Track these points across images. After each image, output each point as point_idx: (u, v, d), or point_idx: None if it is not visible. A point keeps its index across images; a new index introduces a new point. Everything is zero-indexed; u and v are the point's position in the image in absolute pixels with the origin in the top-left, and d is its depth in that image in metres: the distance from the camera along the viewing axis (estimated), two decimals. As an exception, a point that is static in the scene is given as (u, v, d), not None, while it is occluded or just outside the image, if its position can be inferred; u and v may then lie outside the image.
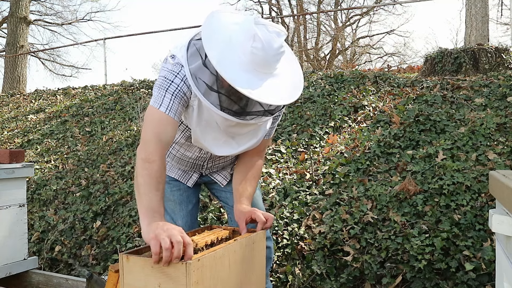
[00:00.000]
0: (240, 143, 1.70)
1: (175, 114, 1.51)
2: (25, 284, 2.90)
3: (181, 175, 1.93)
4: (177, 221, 1.93)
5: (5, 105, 8.60)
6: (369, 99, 4.45)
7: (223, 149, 1.68)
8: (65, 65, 16.93)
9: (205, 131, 1.64)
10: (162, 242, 1.23)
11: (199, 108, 1.58)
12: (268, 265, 2.04)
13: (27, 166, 2.83)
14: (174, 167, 1.93)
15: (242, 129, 1.65)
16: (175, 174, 1.93)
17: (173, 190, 1.92)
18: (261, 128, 1.72)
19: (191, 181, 1.93)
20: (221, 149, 1.68)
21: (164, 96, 1.51)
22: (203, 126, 1.63)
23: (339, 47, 17.68)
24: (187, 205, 1.94)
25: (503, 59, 5.13)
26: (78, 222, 3.77)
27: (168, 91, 1.51)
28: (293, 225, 2.98)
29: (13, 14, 11.64)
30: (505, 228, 1.09)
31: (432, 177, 3.05)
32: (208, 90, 1.50)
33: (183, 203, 1.93)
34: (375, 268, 2.59)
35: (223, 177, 1.95)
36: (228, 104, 1.52)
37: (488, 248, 2.43)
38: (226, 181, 1.95)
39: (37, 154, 5.56)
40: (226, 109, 1.52)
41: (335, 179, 3.33)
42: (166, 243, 1.22)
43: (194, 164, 1.86)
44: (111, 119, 6.00)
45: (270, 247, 2.01)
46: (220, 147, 1.68)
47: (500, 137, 3.31)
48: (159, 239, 1.24)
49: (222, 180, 1.95)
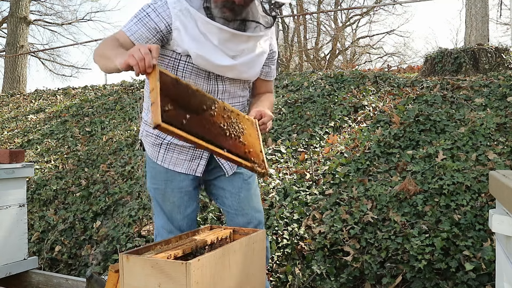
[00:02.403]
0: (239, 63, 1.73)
1: (132, 34, 1.66)
2: (25, 284, 2.90)
3: (188, 165, 1.86)
4: (173, 222, 1.90)
5: (5, 105, 8.60)
6: (369, 99, 4.45)
7: (223, 58, 1.70)
8: (65, 65, 16.94)
9: (202, 48, 1.66)
10: (135, 53, 1.37)
11: (185, 28, 1.65)
12: (266, 264, 2.04)
13: (27, 166, 2.83)
14: (182, 154, 1.85)
15: (238, 45, 1.69)
16: (182, 166, 1.86)
17: (174, 191, 1.88)
18: (258, 57, 1.77)
19: (200, 168, 1.86)
20: (221, 58, 1.69)
21: (131, 21, 1.68)
22: (200, 43, 1.66)
23: (339, 47, 17.68)
24: (185, 208, 1.91)
25: (503, 59, 5.13)
26: (78, 222, 3.77)
27: (137, 17, 1.67)
28: (293, 225, 2.98)
29: (13, 14, 11.63)
30: (505, 228, 1.09)
31: (432, 177, 3.05)
32: (201, 5, 1.62)
33: (182, 206, 1.90)
34: (375, 268, 2.59)
35: (230, 165, 1.89)
36: (221, 14, 1.61)
37: (488, 248, 2.43)
38: (232, 171, 1.90)
39: (37, 154, 5.56)
40: (221, 19, 1.62)
41: (335, 179, 3.33)
42: (137, 52, 1.36)
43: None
44: (111, 119, 6.00)
45: (267, 247, 2.00)
46: (220, 56, 1.69)
47: (500, 137, 3.31)
48: (131, 54, 1.38)
49: (229, 169, 1.90)
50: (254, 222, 1.94)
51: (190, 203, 1.91)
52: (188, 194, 1.90)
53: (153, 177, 1.92)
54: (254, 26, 1.70)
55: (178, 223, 1.91)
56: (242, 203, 1.92)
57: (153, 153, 1.89)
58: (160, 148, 1.86)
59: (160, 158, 1.87)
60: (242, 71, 1.76)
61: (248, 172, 1.94)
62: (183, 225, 1.91)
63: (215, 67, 1.70)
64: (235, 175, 1.92)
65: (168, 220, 1.91)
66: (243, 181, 1.93)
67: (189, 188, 1.90)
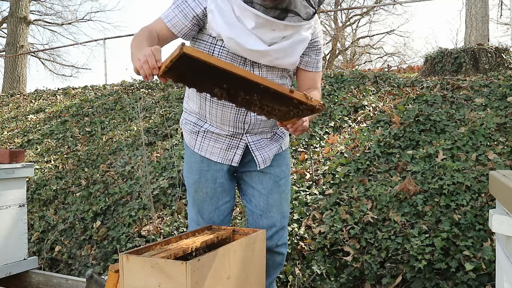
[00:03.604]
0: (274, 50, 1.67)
1: (169, 20, 1.67)
2: (25, 284, 2.90)
3: (225, 154, 1.84)
4: (203, 214, 1.88)
5: (5, 105, 8.60)
6: (369, 99, 4.45)
7: (256, 43, 1.64)
8: (65, 65, 16.93)
9: (235, 31, 1.62)
10: (141, 57, 1.37)
11: (219, 11, 1.62)
12: (278, 271, 2.00)
13: (27, 166, 2.83)
14: (218, 143, 1.84)
15: (273, 32, 1.63)
16: (218, 155, 1.84)
17: (208, 181, 1.85)
18: (296, 44, 1.70)
19: (236, 158, 1.84)
20: (253, 42, 1.63)
21: (170, 8, 1.69)
22: (233, 27, 1.62)
23: (339, 47, 17.69)
24: (217, 200, 1.87)
25: (503, 59, 5.12)
26: (78, 222, 3.77)
27: (175, 3, 1.68)
28: (293, 225, 2.98)
29: (13, 14, 11.64)
30: (505, 228, 1.09)
31: (432, 177, 3.05)
32: None
33: (214, 198, 1.86)
34: (375, 268, 2.59)
35: (263, 159, 1.86)
36: (261, 1, 1.56)
37: (488, 248, 2.43)
38: (264, 165, 1.87)
39: (37, 154, 5.56)
40: (260, 6, 1.57)
41: (335, 179, 3.33)
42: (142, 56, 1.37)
43: (236, 121, 1.78)
44: (111, 119, 6.00)
45: (283, 254, 1.97)
46: (253, 41, 1.64)
47: (500, 137, 3.31)
48: (137, 58, 1.39)
49: (261, 163, 1.86)
50: (278, 226, 1.90)
51: (223, 195, 1.88)
52: (222, 185, 1.87)
53: (189, 166, 1.91)
54: (292, 16, 1.64)
55: (209, 215, 1.88)
56: (269, 206, 1.88)
57: (191, 141, 1.88)
58: (198, 136, 1.86)
59: (197, 146, 1.86)
60: (276, 58, 1.69)
61: (280, 174, 1.90)
62: (214, 216, 1.88)
63: (247, 51, 1.64)
64: (266, 175, 1.88)
65: (198, 212, 1.88)
66: (274, 183, 1.89)
67: (223, 179, 1.86)
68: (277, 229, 1.90)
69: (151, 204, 3.48)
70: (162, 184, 3.81)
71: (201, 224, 1.88)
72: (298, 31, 1.68)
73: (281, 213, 1.91)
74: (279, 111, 1.52)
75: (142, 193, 3.82)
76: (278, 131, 1.93)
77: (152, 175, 4.07)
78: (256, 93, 1.42)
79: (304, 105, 1.45)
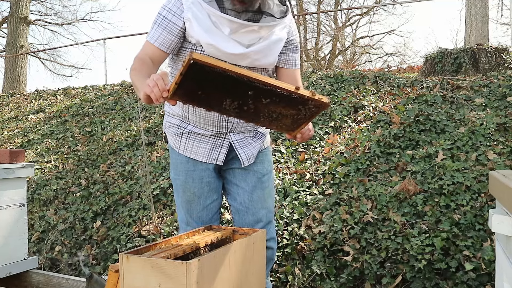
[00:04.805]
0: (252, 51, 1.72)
1: (155, 40, 1.71)
2: (25, 284, 2.90)
3: (209, 154, 1.87)
4: (192, 214, 1.90)
5: (5, 105, 8.60)
6: (369, 99, 4.45)
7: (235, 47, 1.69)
8: (65, 65, 16.91)
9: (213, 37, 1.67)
10: (150, 82, 1.41)
11: (196, 19, 1.66)
12: (269, 266, 2.02)
13: (27, 166, 2.83)
14: (202, 143, 1.87)
15: (249, 34, 1.68)
16: (203, 155, 1.87)
17: (194, 180, 1.88)
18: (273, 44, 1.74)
19: (221, 156, 1.87)
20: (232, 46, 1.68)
21: (152, 29, 1.73)
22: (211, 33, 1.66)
23: (339, 47, 17.68)
24: (205, 199, 1.90)
25: (503, 59, 5.12)
26: (78, 222, 3.77)
27: (155, 23, 1.72)
28: (293, 225, 2.98)
29: (13, 14, 11.63)
30: (505, 228, 1.09)
31: (432, 177, 3.05)
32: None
33: (202, 197, 1.89)
34: (375, 268, 2.60)
35: (247, 156, 1.89)
36: (232, 6, 1.63)
37: (488, 248, 2.43)
38: (248, 162, 1.89)
39: (37, 154, 5.56)
40: (232, 11, 1.63)
41: (335, 179, 3.33)
42: (151, 81, 1.40)
43: (220, 120, 1.81)
44: (111, 119, 6.00)
45: (273, 248, 1.99)
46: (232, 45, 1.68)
47: (500, 137, 3.31)
48: (147, 83, 1.42)
49: (245, 160, 1.89)
50: (264, 221, 1.93)
51: (211, 194, 1.91)
52: (209, 184, 1.90)
53: (175, 168, 1.93)
54: (266, 17, 1.69)
55: (198, 214, 1.90)
56: (254, 202, 1.90)
57: (175, 143, 1.91)
58: (182, 138, 1.88)
59: (181, 147, 1.89)
60: (256, 59, 1.74)
61: (263, 170, 1.93)
62: (203, 215, 1.90)
63: (227, 55, 1.68)
64: (249, 172, 1.91)
65: (187, 212, 1.91)
66: (257, 180, 1.91)
67: (209, 178, 1.89)
68: (264, 224, 1.93)
69: (151, 204, 3.48)
70: (162, 184, 3.81)
71: (190, 224, 1.90)
72: (274, 31, 1.74)
73: (266, 208, 1.93)
74: (287, 118, 1.53)
75: (142, 193, 3.82)
76: (260, 129, 1.96)
77: (152, 175, 4.07)
78: (263, 97, 1.43)
79: (311, 101, 1.45)
